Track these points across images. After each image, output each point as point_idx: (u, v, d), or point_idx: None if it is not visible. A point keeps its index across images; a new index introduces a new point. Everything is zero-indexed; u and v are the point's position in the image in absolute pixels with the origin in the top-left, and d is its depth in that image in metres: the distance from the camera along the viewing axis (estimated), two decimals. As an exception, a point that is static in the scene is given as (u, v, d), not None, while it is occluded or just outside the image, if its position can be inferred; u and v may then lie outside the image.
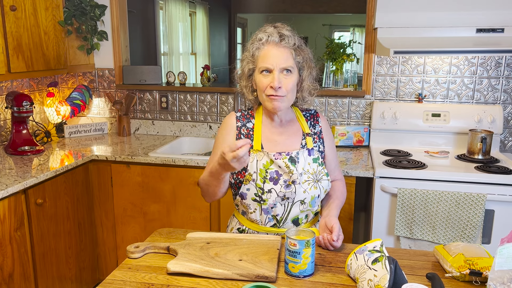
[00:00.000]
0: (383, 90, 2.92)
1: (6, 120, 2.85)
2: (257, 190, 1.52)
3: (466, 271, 1.24)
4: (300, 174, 1.53)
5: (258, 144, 1.56)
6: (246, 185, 1.54)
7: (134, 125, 3.31)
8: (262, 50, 1.52)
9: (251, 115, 1.63)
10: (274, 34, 1.51)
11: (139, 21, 5.11)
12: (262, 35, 1.52)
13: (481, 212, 2.19)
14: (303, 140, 1.61)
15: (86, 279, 2.73)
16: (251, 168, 1.54)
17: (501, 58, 2.74)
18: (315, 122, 1.66)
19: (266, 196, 1.52)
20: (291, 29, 1.56)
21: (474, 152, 2.54)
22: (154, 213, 2.70)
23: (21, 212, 2.15)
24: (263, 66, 1.50)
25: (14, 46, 2.42)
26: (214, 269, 1.28)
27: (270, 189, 1.51)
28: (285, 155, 1.54)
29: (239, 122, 1.62)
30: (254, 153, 1.55)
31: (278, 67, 1.48)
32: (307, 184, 1.54)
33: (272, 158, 1.53)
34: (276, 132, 1.61)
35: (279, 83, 1.47)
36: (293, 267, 1.29)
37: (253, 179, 1.52)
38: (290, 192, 1.52)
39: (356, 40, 4.37)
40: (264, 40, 1.51)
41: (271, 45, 1.50)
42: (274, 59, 1.49)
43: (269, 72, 1.50)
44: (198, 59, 7.23)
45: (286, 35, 1.50)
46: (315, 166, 1.57)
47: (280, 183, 1.52)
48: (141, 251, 1.43)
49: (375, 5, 2.56)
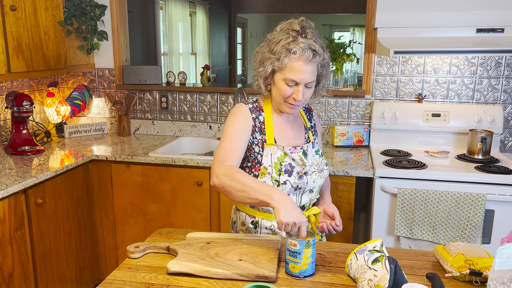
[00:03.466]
0: (383, 90, 2.92)
1: (6, 120, 2.85)
2: (273, 182, 1.57)
3: (466, 271, 1.24)
4: (310, 166, 1.62)
5: (271, 138, 1.60)
6: (261, 178, 1.57)
7: (134, 125, 3.31)
8: (292, 61, 1.49)
9: (260, 108, 1.64)
10: (308, 51, 1.47)
11: (139, 21, 5.11)
12: (296, 49, 1.47)
13: (481, 212, 2.19)
14: (306, 134, 1.70)
15: (86, 279, 2.73)
16: (265, 161, 1.58)
17: (501, 58, 2.74)
18: (310, 116, 1.75)
19: (282, 188, 1.56)
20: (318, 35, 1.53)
21: (474, 152, 2.54)
22: (154, 213, 2.70)
23: (21, 212, 2.15)
24: (290, 78, 1.50)
25: (14, 46, 2.42)
26: (214, 269, 1.28)
27: (285, 181, 1.57)
28: (299, 148, 1.61)
29: (253, 114, 1.62)
30: (268, 147, 1.59)
31: (304, 82, 1.50)
32: (315, 175, 1.63)
33: (287, 152, 1.59)
34: (285, 126, 1.66)
35: (303, 96, 1.52)
36: (293, 267, 1.29)
37: (268, 172, 1.57)
38: (303, 183, 1.59)
39: (356, 40, 4.37)
40: (298, 54, 1.47)
41: (303, 60, 1.48)
42: (302, 75, 1.49)
43: (294, 84, 1.51)
44: (198, 59, 7.23)
45: (318, 53, 1.49)
46: (317, 158, 1.67)
47: (294, 175, 1.58)
48: (141, 251, 1.43)
49: (375, 5, 2.56)
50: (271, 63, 1.52)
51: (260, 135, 1.60)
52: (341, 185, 2.43)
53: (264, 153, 1.59)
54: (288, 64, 1.49)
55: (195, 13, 7.09)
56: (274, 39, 1.52)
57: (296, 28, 1.49)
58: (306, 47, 1.47)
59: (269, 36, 1.56)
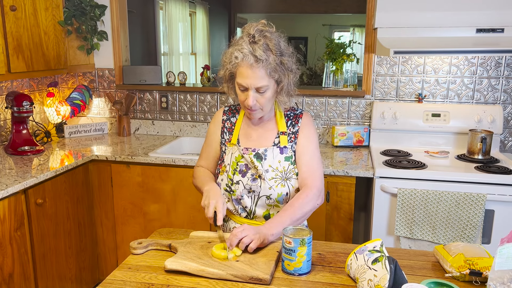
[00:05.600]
0: (383, 90, 2.92)
1: (6, 120, 2.85)
2: (228, 181, 1.61)
3: (466, 271, 1.24)
4: (266, 171, 1.58)
5: (235, 138, 1.66)
6: (221, 175, 1.65)
7: (134, 125, 3.31)
8: (238, 67, 1.50)
9: (237, 110, 1.71)
10: (249, 56, 1.46)
11: (139, 21, 5.11)
12: (238, 53, 1.48)
13: (481, 212, 2.19)
14: (277, 138, 1.63)
15: (86, 279, 2.73)
16: (226, 160, 1.64)
17: (501, 58, 2.74)
18: (296, 122, 1.65)
19: (235, 187, 1.60)
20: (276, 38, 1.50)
21: (474, 152, 2.54)
22: (154, 213, 2.70)
23: (21, 212, 2.15)
24: (239, 83, 1.52)
25: (14, 46, 2.42)
26: (209, 269, 1.28)
27: (238, 181, 1.60)
28: (251, 151, 1.61)
29: (225, 116, 1.71)
30: (230, 146, 1.66)
31: (252, 87, 1.50)
32: (273, 181, 1.58)
33: (240, 152, 1.61)
34: (252, 127, 1.67)
35: (253, 102, 1.52)
36: (288, 264, 1.30)
37: (226, 170, 1.62)
38: (256, 186, 1.58)
39: (356, 40, 4.37)
40: (239, 60, 1.48)
41: (246, 65, 1.47)
42: (248, 80, 1.49)
43: (244, 89, 1.52)
44: (198, 59, 7.23)
45: (260, 59, 1.45)
46: (286, 165, 1.59)
47: (248, 176, 1.59)
48: (143, 247, 1.45)
49: (375, 5, 2.56)
50: (227, 68, 1.55)
51: (228, 135, 1.68)
52: (341, 185, 2.43)
53: (226, 151, 1.66)
54: (237, 69, 1.51)
55: (195, 13, 7.08)
56: (232, 43, 1.56)
57: (251, 32, 1.50)
58: (248, 52, 1.46)
59: (231, 40, 1.57)
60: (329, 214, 2.48)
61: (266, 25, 1.53)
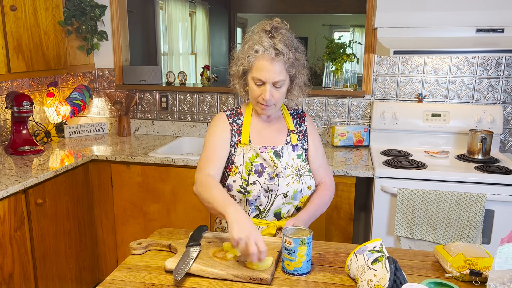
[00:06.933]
0: (383, 90, 2.92)
1: (6, 120, 2.85)
2: (242, 182, 1.58)
3: (466, 271, 1.24)
4: (284, 168, 1.59)
5: (246, 138, 1.63)
6: (232, 177, 1.60)
7: (134, 125, 3.31)
8: (257, 60, 1.52)
9: (239, 113, 1.69)
10: (270, 49, 1.49)
11: (139, 21, 5.11)
12: (258, 47, 1.50)
13: (481, 212, 2.19)
14: (288, 137, 1.67)
15: (86, 279, 2.73)
16: (237, 161, 1.60)
17: (501, 58, 2.74)
18: (301, 121, 1.72)
19: (251, 188, 1.57)
20: (289, 35, 1.54)
21: (474, 152, 2.54)
22: (154, 213, 2.70)
23: (21, 212, 2.15)
24: (257, 77, 1.52)
25: (14, 46, 2.42)
26: (210, 269, 1.28)
27: (255, 181, 1.58)
28: (270, 148, 1.60)
29: (230, 119, 1.67)
30: (241, 146, 1.62)
31: (270, 81, 1.51)
32: (290, 178, 1.60)
33: (258, 151, 1.59)
34: (263, 126, 1.67)
35: (270, 96, 1.53)
36: (288, 264, 1.30)
37: (239, 171, 1.59)
38: (274, 185, 1.58)
39: (356, 40, 4.37)
40: (261, 53, 1.50)
41: (267, 59, 1.50)
42: (267, 74, 1.50)
43: (261, 83, 1.53)
44: (198, 59, 7.23)
45: (282, 52, 1.49)
46: (298, 162, 1.63)
47: (265, 176, 1.58)
48: (143, 247, 1.44)
49: (375, 5, 2.56)
50: (242, 63, 1.56)
51: (236, 137, 1.64)
52: (341, 185, 2.43)
53: (237, 152, 1.61)
54: (255, 63, 1.52)
55: (195, 13, 7.08)
56: (246, 39, 1.57)
57: (267, 28, 1.53)
58: (269, 46, 1.49)
59: (244, 37, 1.59)
60: (329, 214, 2.48)
61: (281, 22, 1.56)
